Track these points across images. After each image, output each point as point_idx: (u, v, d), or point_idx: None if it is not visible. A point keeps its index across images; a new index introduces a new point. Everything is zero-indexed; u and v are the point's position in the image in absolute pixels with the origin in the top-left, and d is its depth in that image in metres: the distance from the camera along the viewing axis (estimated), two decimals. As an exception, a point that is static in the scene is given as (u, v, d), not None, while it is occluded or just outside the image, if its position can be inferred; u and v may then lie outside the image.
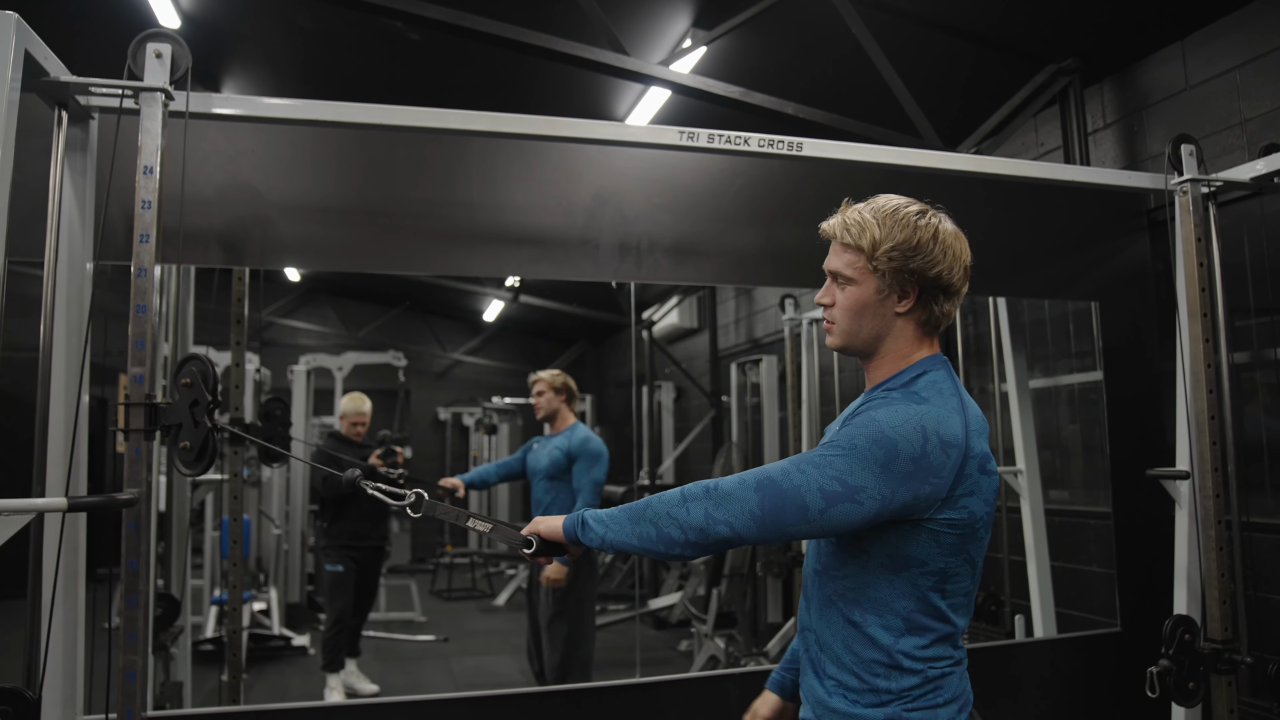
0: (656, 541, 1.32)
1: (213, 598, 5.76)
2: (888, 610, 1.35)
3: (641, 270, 2.83)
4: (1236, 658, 2.61)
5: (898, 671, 1.33)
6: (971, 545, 1.35)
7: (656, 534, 1.32)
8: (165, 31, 1.96)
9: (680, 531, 1.31)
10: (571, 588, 3.96)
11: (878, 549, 1.34)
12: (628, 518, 1.36)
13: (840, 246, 1.43)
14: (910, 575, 1.33)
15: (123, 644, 1.82)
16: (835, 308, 1.44)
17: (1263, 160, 2.73)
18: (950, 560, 1.33)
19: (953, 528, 1.31)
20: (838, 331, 1.45)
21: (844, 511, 1.27)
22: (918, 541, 1.32)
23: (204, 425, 1.77)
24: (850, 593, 1.38)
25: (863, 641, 1.36)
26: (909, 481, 1.27)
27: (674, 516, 1.32)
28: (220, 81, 4.87)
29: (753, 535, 1.29)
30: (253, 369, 6.65)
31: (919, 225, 1.38)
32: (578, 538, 1.41)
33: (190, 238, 2.39)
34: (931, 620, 1.35)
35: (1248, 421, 3.29)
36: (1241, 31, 3.34)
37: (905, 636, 1.34)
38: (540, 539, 1.46)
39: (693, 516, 1.30)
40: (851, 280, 1.41)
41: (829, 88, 4.22)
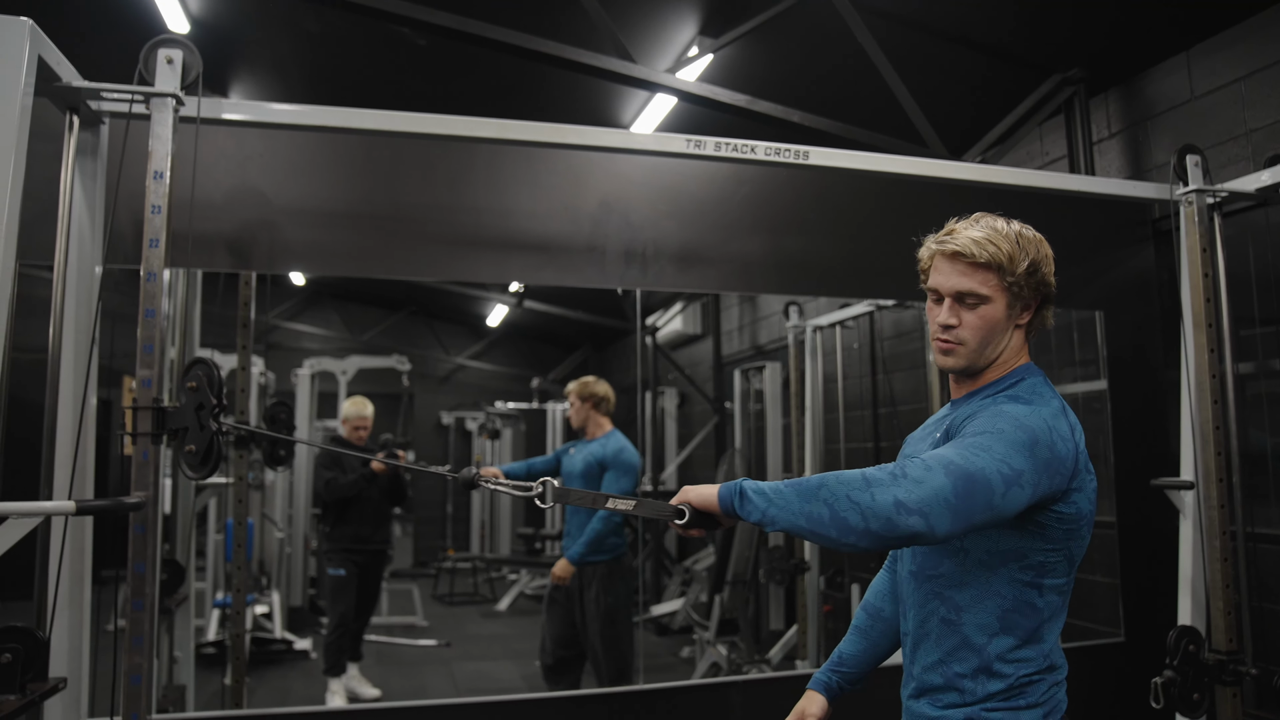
0: (829, 525, 1.19)
1: (216, 601, 5.77)
2: (985, 609, 1.36)
3: (647, 277, 2.84)
4: (1241, 669, 2.61)
5: (985, 674, 1.35)
6: (1074, 542, 1.37)
7: (830, 516, 1.19)
8: (177, 37, 1.97)
9: (860, 518, 1.17)
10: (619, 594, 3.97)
11: (977, 543, 1.36)
12: (796, 494, 1.23)
13: (969, 266, 1.42)
14: (1009, 570, 1.35)
15: (128, 646, 1.82)
16: (963, 328, 1.44)
17: (1268, 171, 2.73)
18: (1049, 554, 1.35)
19: (1061, 521, 1.34)
20: (966, 352, 1.44)
21: (1016, 496, 1.24)
22: (1022, 533, 1.33)
23: (209, 428, 1.78)
24: (947, 590, 1.39)
25: (956, 640, 1.37)
26: (1048, 469, 1.29)
27: (855, 500, 1.18)
28: (228, 86, 4.88)
29: (945, 527, 1.18)
30: (257, 372, 6.67)
31: (1036, 240, 1.47)
32: (734, 510, 1.28)
33: (198, 242, 2.40)
34: (1027, 620, 1.35)
35: (1252, 432, 3.29)
36: (1247, 43, 3.34)
37: (999, 636, 1.35)
38: (693, 509, 1.33)
39: (879, 503, 1.17)
40: (986, 299, 1.43)
41: (835, 96, 4.23)
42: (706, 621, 5.43)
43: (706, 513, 1.33)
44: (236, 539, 3.46)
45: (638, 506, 1.39)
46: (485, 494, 10.20)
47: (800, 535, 1.23)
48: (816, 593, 5.20)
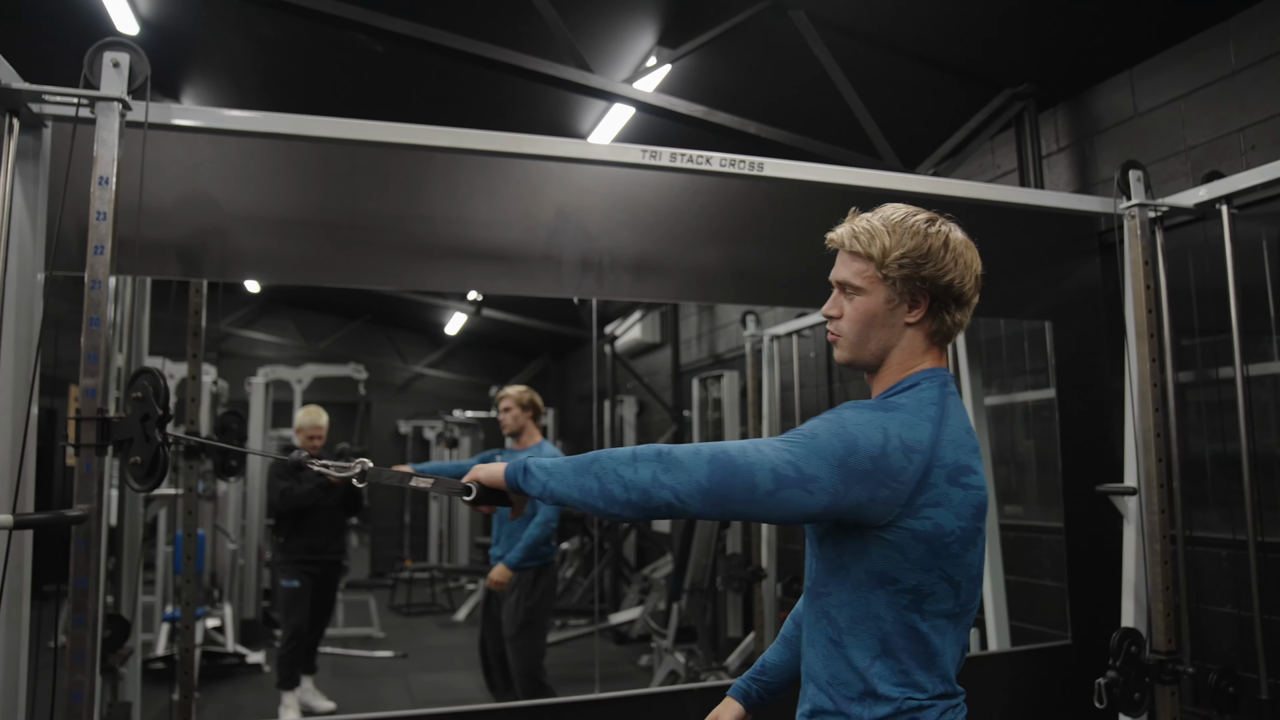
0: (597, 496, 1.27)
1: (165, 614, 5.64)
2: (865, 630, 1.30)
3: (603, 286, 2.85)
4: (1180, 668, 2.68)
5: (871, 698, 1.29)
6: (947, 562, 1.29)
7: (599, 488, 1.27)
8: (123, 40, 1.94)
9: (623, 490, 1.25)
10: (539, 599, 4.00)
11: (856, 564, 1.30)
12: (572, 469, 1.31)
13: (848, 255, 1.40)
14: (886, 593, 1.29)
15: (69, 664, 1.78)
16: (843, 319, 1.41)
17: (1205, 187, 2.82)
18: (923, 577, 1.28)
19: (917, 539, 1.26)
20: (845, 344, 1.41)
21: (793, 497, 1.23)
22: (886, 556, 1.27)
23: (155, 440, 1.74)
24: (833, 610, 1.34)
25: (841, 662, 1.32)
26: (865, 481, 1.23)
27: (620, 474, 1.26)
28: (179, 90, 4.81)
29: (696, 506, 1.24)
30: (210, 381, 6.55)
31: (929, 232, 1.37)
32: (519, 485, 1.36)
33: (147, 249, 2.36)
34: (910, 644, 1.29)
35: (1191, 439, 3.38)
36: (1185, 63, 3.45)
37: (880, 659, 1.29)
38: (481, 486, 1.42)
39: (639, 476, 1.25)
40: (861, 290, 1.38)
41: (791, 108, 4.28)
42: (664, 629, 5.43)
43: (494, 489, 1.42)
44: (186, 551, 3.39)
45: (434, 485, 1.47)
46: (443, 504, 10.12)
47: (575, 506, 1.31)
48: (774, 599, 5.23)
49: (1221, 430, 3.24)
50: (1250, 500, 2.69)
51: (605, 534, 7.58)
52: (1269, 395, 3.14)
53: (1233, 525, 3.12)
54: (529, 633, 4.00)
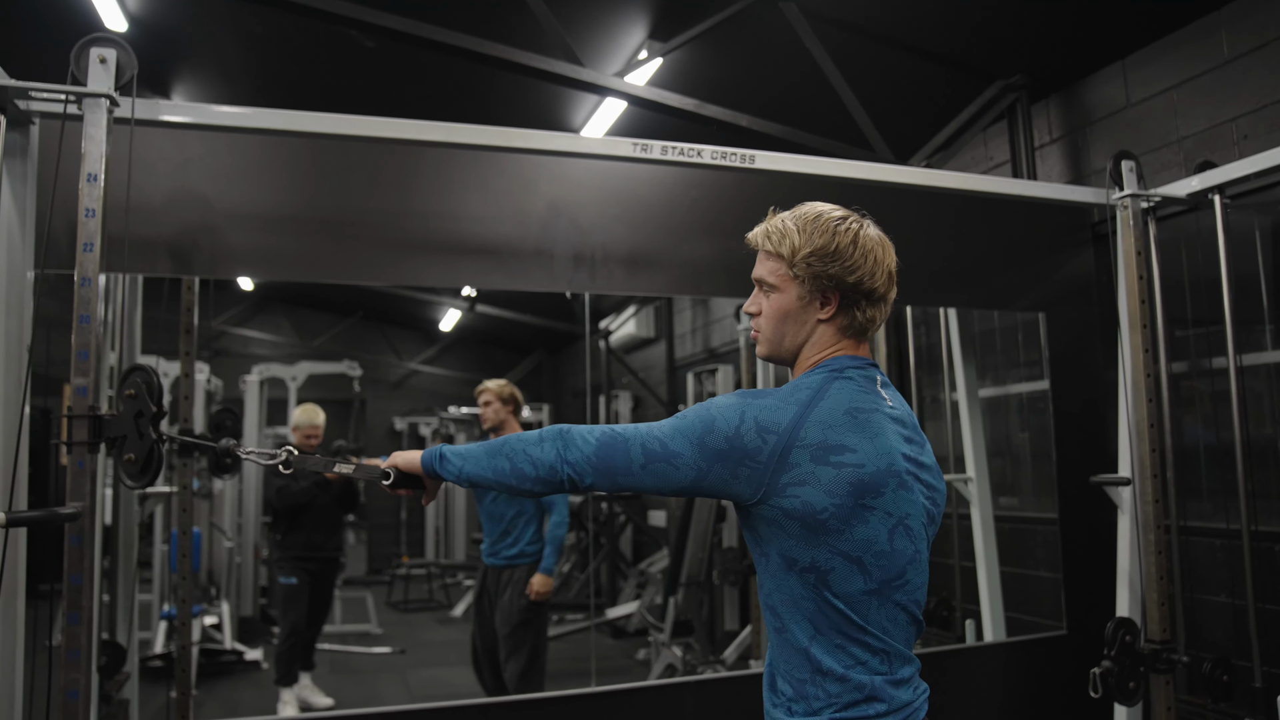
0: (510, 475, 1.39)
1: (162, 612, 5.64)
2: (796, 612, 1.35)
3: (596, 281, 2.84)
4: (1174, 657, 2.69)
5: (819, 675, 1.32)
6: (832, 538, 1.30)
7: (510, 468, 1.38)
8: (110, 36, 1.93)
9: (533, 468, 1.37)
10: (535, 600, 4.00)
11: (769, 547, 1.36)
12: (485, 452, 1.41)
13: (764, 254, 1.46)
14: (796, 574, 1.33)
15: (64, 661, 1.78)
16: (761, 316, 1.46)
17: (1198, 177, 2.82)
18: (816, 554, 1.30)
19: (789, 517, 1.30)
20: (764, 339, 1.46)
21: (662, 471, 1.34)
22: (775, 536, 1.33)
23: (149, 437, 1.74)
24: (770, 598, 1.39)
25: (788, 648, 1.36)
26: (723, 460, 1.32)
27: (529, 454, 1.38)
28: (170, 86, 4.79)
29: (590, 479, 1.36)
30: (203, 379, 6.53)
31: (838, 230, 1.39)
32: (435, 471, 1.45)
33: (137, 246, 2.35)
34: (836, 621, 1.32)
35: (1185, 429, 3.39)
36: (1177, 54, 3.45)
37: (816, 639, 1.33)
38: (399, 471, 1.49)
39: (545, 455, 1.37)
40: (775, 287, 1.43)
41: (783, 101, 4.28)
42: (661, 624, 5.44)
43: (411, 475, 1.48)
44: (182, 549, 3.38)
45: (356, 470, 1.54)
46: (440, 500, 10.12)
47: (489, 486, 1.42)
48: (770, 593, 5.23)
49: (1215, 420, 3.25)
50: (1244, 490, 2.70)
51: (602, 529, 7.59)
52: (1262, 385, 3.14)
53: (1226, 515, 3.13)
54: (526, 630, 3.98)
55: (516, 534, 4.05)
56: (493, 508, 4.09)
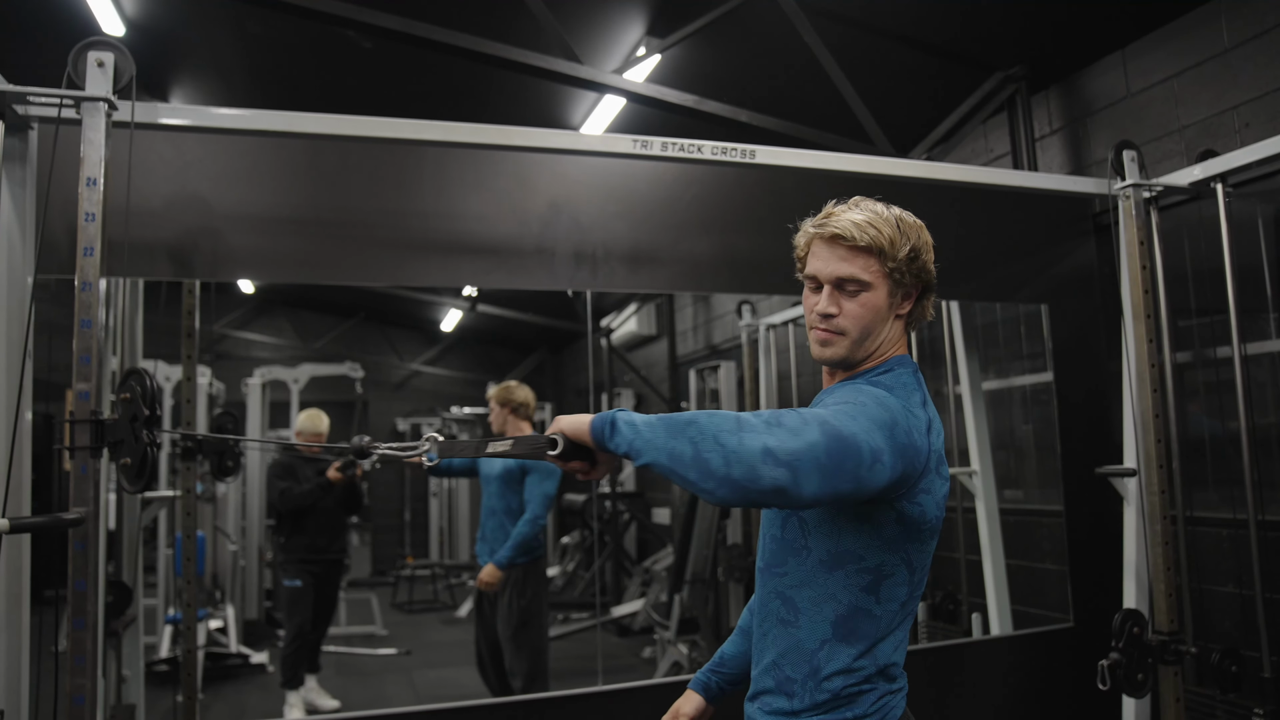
0: (690, 465, 1.08)
1: (167, 617, 5.64)
2: (818, 612, 1.31)
3: (597, 278, 2.84)
4: (1182, 648, 2.68)
5: (813, 680, 1.30)
6: (912, 546, 1.30)
7: (692, 455, 1.08)
8: (108, 39, 1.92)
9: (723, 463, 1.06)
10: (531, 597, 3.98)
11: (821, 545, 1.30)
12: (664, 428, 1.13)
13: (850, 250, 1.33)
14: (846, 573, 1.29)
15: (70, 667, 1.78)
16: (843, 316, 1.35)
17: (1200, 166, 2.81)
18: (886, 557, 1.28)
19: (900, 521, 1.27)
20: (846, 343, 1.35)
21: (879, 473, 1.14)
22: (858, 535, 1.27)
23: (143, 441, 1.73)
24: (789, 590, 1.34)
25: (789, 643, 1.33)
26: (904, 455, 1.19)
27: (721, 442, 1.07)
28: (168, 90, 4.78)
29: (812, 489, 1.07)
30: (205, 382, 6.53)
31: (917, 225, 1.39)
32: (604, 440, 1.19)
33: (137, 250, 2.34)
34: (860, 627, 1.30)
35: (1190, 419, 3.38)
36: (1177, 42, 3.44)
37: (830, 643, 1.30)
38: (566, 439, 1.24)
39: (746, 448, 1.06)
40: (868, 285, 1.34)
41: (782, 95, 4.27)
42: (667, 621, 5.44)
43: (581, 445, 1.24)
44: (186, 553, 3.38)
45: (514, 445, 1.32)
46: (444, 500, 10.12)
47: (663, 473, 1.12)
48: (775, 589, 5.23)
49: (1220, 410, 3.24)
50: (1250, 479, 2.69)
51: (606, 527, 7.58)
52: (1266, 374, 3.13)
53: (1233, 504, 3.12)
54: (527, 632, 3.96)
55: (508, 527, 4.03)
56: (486, 501, 4.09)
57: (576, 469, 1.26)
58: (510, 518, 4.02)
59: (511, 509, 4.02)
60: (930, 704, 3.05)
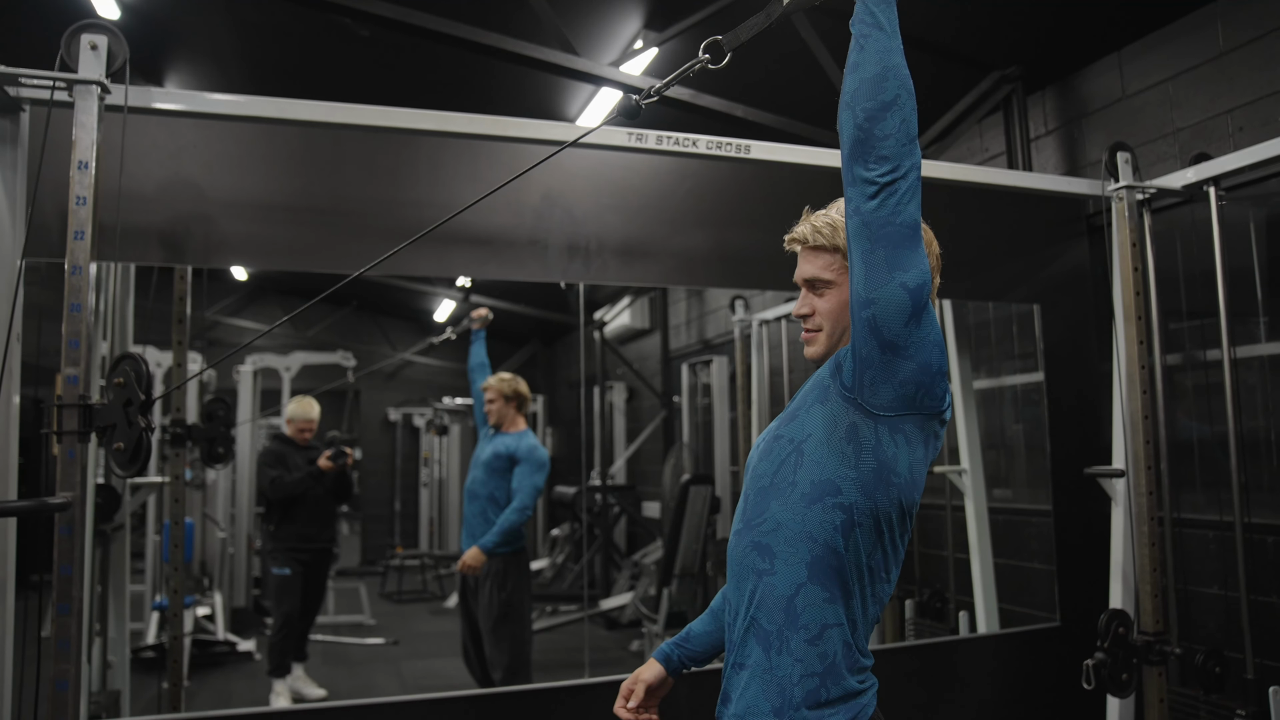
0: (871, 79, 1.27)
1: (154, 603, 5.62)
2: (794, 553, 1.33)
3: (590, 271, 2.84)
4: (1167, 649, 2.70)
5: (790, 628, 1.32)
6: (881, 494, 1.33)
7: (876, 73, 1.27)
8: (101, 22, 1.91)
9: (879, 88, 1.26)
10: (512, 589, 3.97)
11: (807, 473, 1.34)
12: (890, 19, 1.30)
13: (812, 252, 1.43)
14: (823, 506, 1.32)
15: (54, 652, 1.77)
16: (817, 315, 1.44)
17: (1193, 169, 2.82)
18: (859, 499, 1.32)
19: (878, 450, 1.32)
20: (824, 339, 1.44)
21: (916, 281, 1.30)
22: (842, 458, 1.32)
23: (137, 425, 1.73)
24: (766, 536, 1.36)
25: (765, 592, 1.34)
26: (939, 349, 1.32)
27: (889, 77, 1.27)
28: (162, 75, 4.75)
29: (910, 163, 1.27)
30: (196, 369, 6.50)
31: None
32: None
33: (129, 235, 2.33)
34: (836, 571, 1.32)
35: (1179, 421, 3.40)
36: (1173, 45, 3.45)
37: (806, 587, 1.32)
38: None
39: (889, 84, 1.26)
40: (831, 283, 1.42)
41: (778, 91, 4.26)
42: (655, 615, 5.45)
43: None
44: (173, 539, 3.38)
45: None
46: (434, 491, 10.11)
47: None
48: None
49: (1209, 412, 3.26)
50: (1237, 482, 2.70)
51: (595, 520, 7.59)
52: (1255, 378, 3.15)
53: (1220, 507, 3.14)
54: (508, 624, 3.94)
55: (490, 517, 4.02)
56: (470, 485, 4.10)
57: None
58: (493, 505, 4.03)
59: (495, 497, 4.03)
60: (916, 701, 3.07)
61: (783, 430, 1.43)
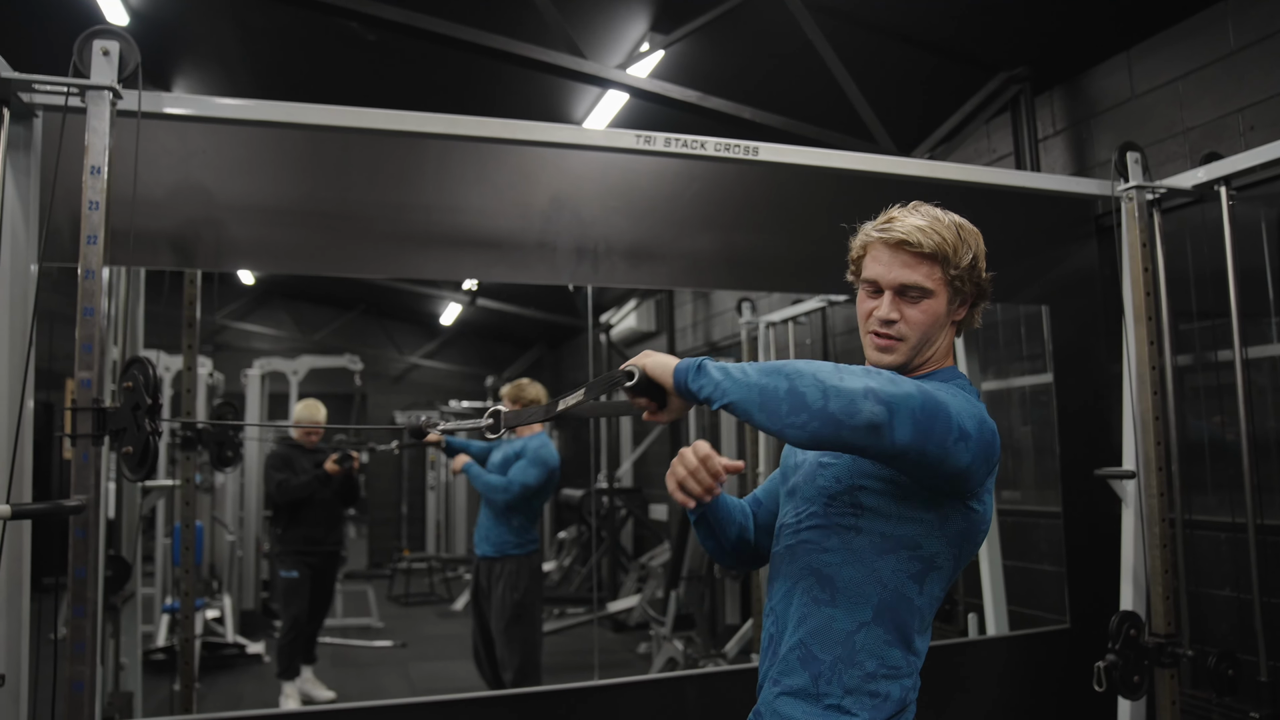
0: (783, 398, 1.10)
1: (164, 606, 5.64)
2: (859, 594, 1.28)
3: (598, 273, 2.84)
4: (1179, 651, 2.69)
5: (844, 664, 1.28)
6: (968, 545, 1.32)
7: (787, 389, 1.10)
8: (113, 28, 1.92)
9: (821, 396, 1.08)
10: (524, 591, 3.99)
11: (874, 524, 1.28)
12: (757, 369, 1.15)
13: (914, 257, 1.33)
14: (898, 558, 1.28)
15: (70, 654, 1.78)
16: (904, 323, 1.34)
17: (1203, 168, 2.81)
18: (943, 549, 1.29)
19: (965, 516, 1.28)
20: (906, 349, 1.35)
21: (961, 452, 1.17)
22: (922, 522, 1.27)
23: (145, 428, 1.74)
24: (826, 569, 1.31)
25: (821, 622, 1.30)
26: (984, 450, 1.22)
27: (821, 379, 1.10)
28: (170, 81, 4.77)
29: (905, 435, 1.10)
30: (205, 373, 6.53)
31: (975, 233, 1.39)
32: (687, 384, 1.18)
33: (140, 239, 2.34)
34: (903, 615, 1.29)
35: (1189, 422, 3.39)
36: (1183, 44, 3.44)
37: (868, 627, 1.28)
38: (644, 374, 1.22)
39: (847, 385, 1.09)
40: (929, 293, 1.34)
41: (785, 93, 4.26)
42: (662, 617, 5.44)
43: (658, 385, 1.22)
44: (184, 542, 3.38)
45: (587, 391, 1.30)
46: (440, 494, 10.12)
47: (748, 414, 1.14)
48: (772, 586, 5.23)
49: (1220, 413, 3.25)
50: (1249, 483, 2.69)
51: (603, 523, 7.59)
52: (1267, 378, 3.14)
53: (1232, 508, 3.13)
54: (519, 626, 3.97)
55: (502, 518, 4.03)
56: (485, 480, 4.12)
57: (644, 405, 1.25)
58: (505, 511, 4.04)
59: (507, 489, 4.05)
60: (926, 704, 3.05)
61: (826, 459, 1.36)
